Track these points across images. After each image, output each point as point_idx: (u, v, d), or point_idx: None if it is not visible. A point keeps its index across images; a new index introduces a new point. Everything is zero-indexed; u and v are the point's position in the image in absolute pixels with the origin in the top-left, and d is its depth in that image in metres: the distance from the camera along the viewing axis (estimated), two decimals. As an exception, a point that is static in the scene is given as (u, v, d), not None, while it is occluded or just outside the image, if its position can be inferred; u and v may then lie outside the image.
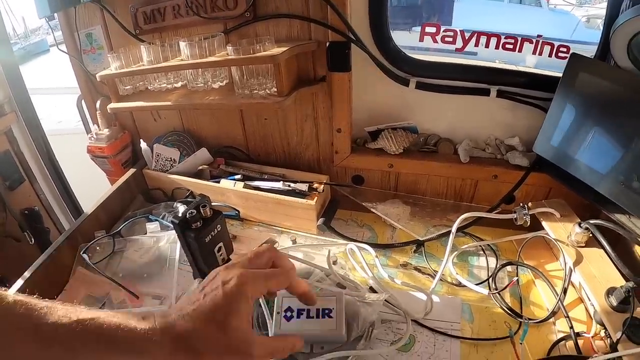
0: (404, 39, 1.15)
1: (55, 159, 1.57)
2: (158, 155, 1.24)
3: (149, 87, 1.17)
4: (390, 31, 1.07)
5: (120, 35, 1.17)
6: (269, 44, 0.97)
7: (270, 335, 0.80)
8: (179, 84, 1.14)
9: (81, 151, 1.33)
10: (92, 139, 1.27)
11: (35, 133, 1.50)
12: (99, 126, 1.29)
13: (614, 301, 0.80)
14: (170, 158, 1.24)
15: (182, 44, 1.01)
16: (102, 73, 1.11)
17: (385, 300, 0.88)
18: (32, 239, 1.45)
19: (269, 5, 1.03)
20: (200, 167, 1.23)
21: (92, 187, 1.52)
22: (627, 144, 0.88)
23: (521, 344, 0.81)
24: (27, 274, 0.92)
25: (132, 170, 1.26)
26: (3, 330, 0.47)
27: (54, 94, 3.43)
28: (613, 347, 0.74)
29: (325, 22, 1.00)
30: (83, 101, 1.35)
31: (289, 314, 0.81)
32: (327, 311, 0.80)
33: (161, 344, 0.50)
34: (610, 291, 0.82)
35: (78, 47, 1.23)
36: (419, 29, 1.08)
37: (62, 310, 0.50)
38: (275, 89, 1.02)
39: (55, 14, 1.21)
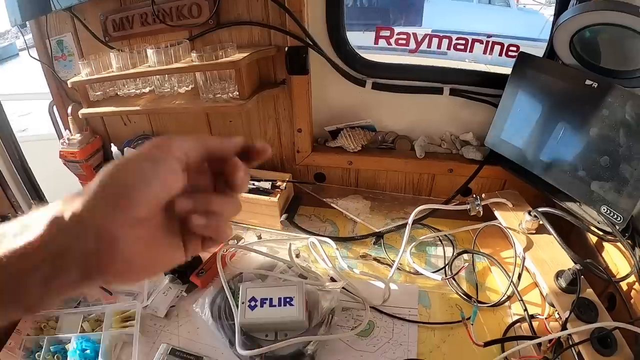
0: (369, 40, 1.21)
1: (28, 166, 1.60)
2: (129, 159, 1.28)
3: (118, 93, 1.22)
4: (347, 34, 1.15)
5: (90, 43, 1.22)
6: (231, 50, 1.04)
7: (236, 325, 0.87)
8: (147, 89, 1.19)
9: (53, 157, 1.37)
10: (65, 144, 1.31)
11: (7, 139, 1.52)
12: (70, 131, 1.33)
13: (563, 283, 0.87)
14: (141, 161, 1.29)
15: (150, 51, 1.07)
16: (73, 79, 1.16)
17: (344, 288, 0.95)
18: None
19: (231, 13, 1.09)
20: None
21: (65, 193, 1.55)
22: (572, 136, 0.96)
23: (472, 324, 0.88)
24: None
25: (103, 174, 1.29)
26: None
27: (24, 99, 3.45)
28: (563, 326, 0.81)
29: (284, 29, 1.07)
30: (55, 107, 1.39)
31: (253, 303, 0.87)
32: (288, 299, 0.87)
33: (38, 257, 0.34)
34: (559, 274, 0.89)
35: (49, 54, 1.28)
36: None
37: None
38: (237, 93, 1.08)
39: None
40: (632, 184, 0.85)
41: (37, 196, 1.64)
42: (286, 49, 1.10)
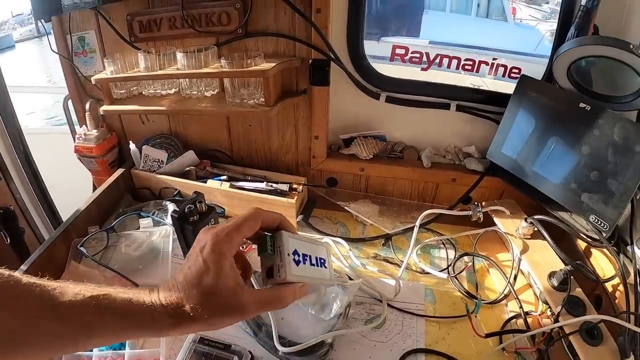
0: (373, 49, 1.33)
1: (32, 159, 1.63)
2: (146, 157, 1.37)
3: (143, 92, 1.30)
4: (365, 51, 1.27)
5: (114, 41, 1.29)
6: (259, 59, 1.14)
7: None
8: (172, 91, 1.28)
9: (58, 152, 1.42)
10: (81, 139, 1.38)
11: (12, 130, 1.56)
12: (87, 127, 1.40)
13: (555, 282, 1.01)
14: (158, 159, 1.37)
15: (179, 55, 1.15)
16: (98, 76, 1.23)
17: (361, 284, 1.06)
18: (8, 239, 1.51)
19: (259, 23, 1.20)
20: (187, 168, 1.37)
21: (68, 189, 1.60)
22: (566, 152, 1.10)
23: (476, 316, 1.02)
24: (23, 267, 1.00)
25: (120, 170, 1.37)
26: (26, 309, 0.52)
27: (26, 92, 3.39)
28: (555, 320, 0.94)
29: (309, 42, 1.18)
30: (70, 101, 1.45)
31: (296, 257, 0.73)
32: (322, 261, 0.79)
33: (167, 315, 0.56)
34: (551, 274, 1.03)
35: (69, 50, 1.34)
36: (388, 39, 1.29)
37: (75, 289, 0.55)
38: (263, 99, 1.18)
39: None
40: (618, 197, 0.99)
41: (41, 191, 1.69)
42: (310, 61, 1.20)
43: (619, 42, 0.97)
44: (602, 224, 1.03)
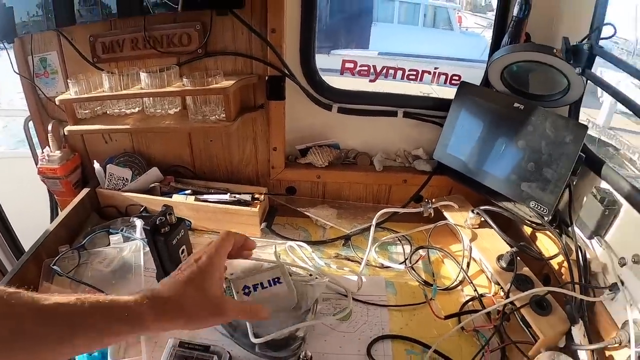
0: (324, 62, 1.44)
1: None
2: (111, 175, 1.40)
3: (107, 112, 1.35)
4: (317, 66, 1.37)
5: (75, 62, 1.33)
6: (219, 77, 1.23)
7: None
8: (137, 109, 1.34)
9: (14, 176, 1.42)
10: (44, 160, 1.40)
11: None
12: (50, 148, 1.42)
13: (503, 264, 1.14)
14: (123, 177, 1.41)
15: (143, 75, 1.22)
16: (62, 97, 1.27)
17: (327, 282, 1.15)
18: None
19: (218, 44, 1.28)
20: (152, 185, 1.41)
21: (27, 214, 1.61)
22: (504, 148, 1.25)
23: (432, 299, 1.14)
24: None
25: (86, 190, 1.40)
26: (16, 311, 0.55)
27: None
28: (506, 296, 1.05)
29: (265, 60, 1.28)
30: (30, 123, 1.47)
31: (246, 290, 0.99)
32: (276, 279, 1.01)
33: (151, 308, 0.63)
34: (499, 257, 1.16)
35: (31, 71, 1.36)
36: (338, 52, 1.41)
37: (61, 295, 0.60)
38: (224, 115, 1.27)
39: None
40: (554, 183, 1.14)
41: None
42: (267, 77, 1.30)
43: (543, 47, 1.13)
44: (542, 209, 1.18)
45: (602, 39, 1.07)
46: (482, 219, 1.27)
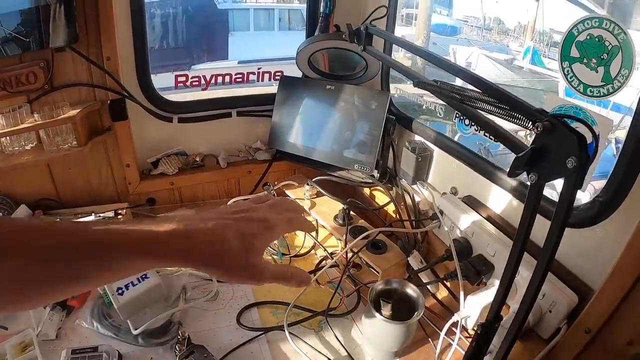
0: (166, 80, 1.60)
1: None
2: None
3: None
4: (153, 82, 1.50)
5: None
6: (66, 108, 1.30)
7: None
8: (-6, 151, 1.34)
9: None
10: None
11: None
12: None
13: (339, 220, 1.36)
14: (-8, 220, 1.39)
15: (-4, 116, 1.24)
16: None
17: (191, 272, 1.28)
18: None
19: (62, 77, 1.34)
20: (22, 222, 1.41)
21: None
22: (325, 125, 1.48)
23: (281, 262, 1.33)
24: None
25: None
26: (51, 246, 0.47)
27: None
28: (345, 245, 1.26)
29: (105, 86, 1.37)
30: None
31: (119, 291, 1.10)
32: (144, 276, 1.14)
33: (189, 243, 0.53)
34: (335, 216, 1.38)
35: None
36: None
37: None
38: (76, 142, 1.35)
39: None
40: (369, 145, 1.40)
41: None
42: (109, 102, 1.40)
43: (333, 35, 1.36)
44: (365, 168, 1.42)
45: (375, 19, 1.25)
46: (316, 189, 1.48)
